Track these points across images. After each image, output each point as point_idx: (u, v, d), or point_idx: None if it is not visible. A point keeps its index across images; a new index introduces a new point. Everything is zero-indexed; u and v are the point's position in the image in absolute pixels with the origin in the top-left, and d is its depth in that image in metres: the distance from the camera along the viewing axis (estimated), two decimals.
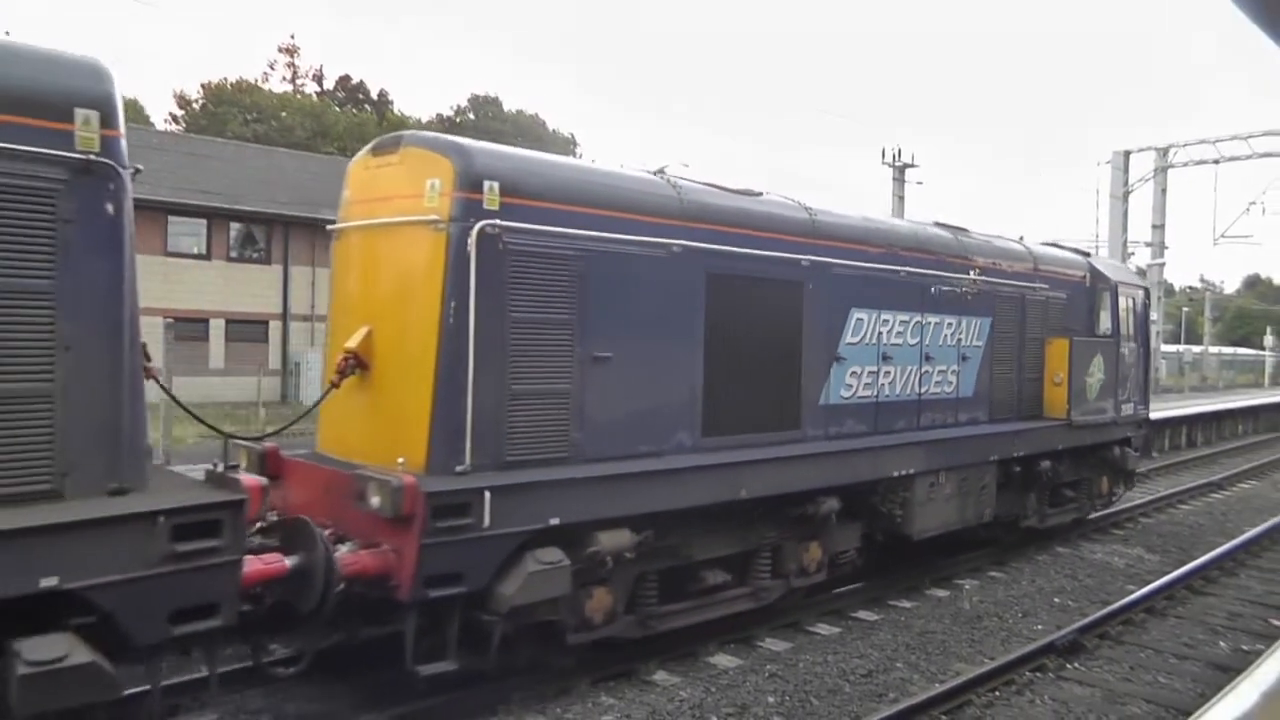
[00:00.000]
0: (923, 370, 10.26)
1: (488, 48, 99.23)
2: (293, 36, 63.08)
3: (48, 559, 4.71)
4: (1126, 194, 42.74)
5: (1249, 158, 39.93)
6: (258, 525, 6.23)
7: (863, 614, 9.64)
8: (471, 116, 58.50)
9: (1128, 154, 42.82)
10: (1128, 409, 13.53)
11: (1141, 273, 35.84)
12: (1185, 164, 42.15)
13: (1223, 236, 44.18)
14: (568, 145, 64.08)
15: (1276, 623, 9.81)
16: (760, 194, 8.80)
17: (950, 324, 10.62)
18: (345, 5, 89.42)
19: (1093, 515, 13.96)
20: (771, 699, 7.43)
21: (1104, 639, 9.13)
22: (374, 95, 56.35)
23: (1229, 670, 8.12)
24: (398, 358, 6.74)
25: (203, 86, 53.47)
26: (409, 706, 6.72)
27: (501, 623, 6.51)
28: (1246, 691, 5.54)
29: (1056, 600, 10.54)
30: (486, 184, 6.57)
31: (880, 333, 9.67)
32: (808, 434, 8.92)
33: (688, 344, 7.83)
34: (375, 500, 6.14)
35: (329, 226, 7.59)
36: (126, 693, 5.20)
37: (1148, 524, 15.04)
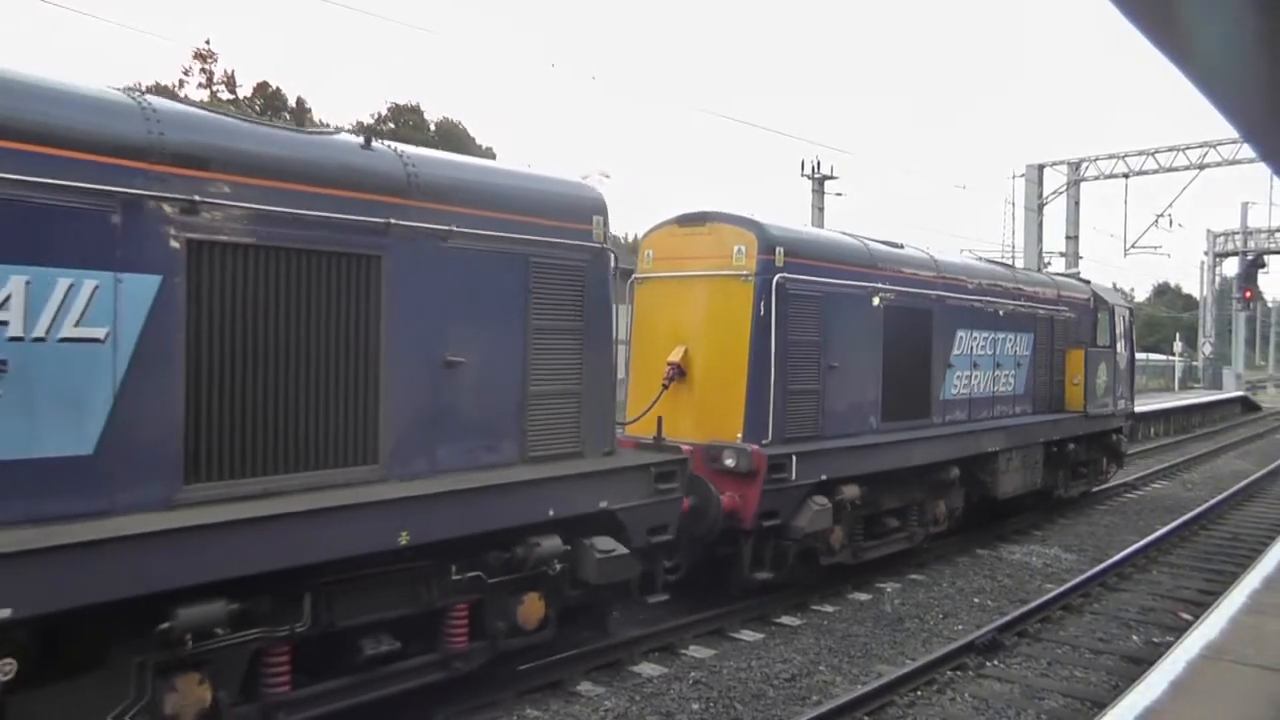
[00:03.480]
0: (995, 374, 14.62)
1: (406, 52, 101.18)
2: (208, 42, 64.28)
3: (603, 490, 8.42)
4: (1041, 206, 47.78)
5: (1155, 172, 44.46)
6: None
7: (786, 619, 10.46)
8: (392, 125, 61.31)
9: (1041, 167, 47.17)
10: (1121, 404, 18.41)
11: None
12: (1096, 177, 46.86)
13: (1133, 247, 49.05)
14: (489, 156, 67.40)
15: (1185, 616, 10.69)
16: (901, 246, 12.98)
17: (1010, 338, 15.04)
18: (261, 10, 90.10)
19: (1096, 489, 18.69)
20: (696, 705, 8.04)
21: (1022, 637, 9.97)
22: (291, 103, 58.46)
23: (1141, 662, 8.92)
24: (714, 368, 10.58)
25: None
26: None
27: (794, 546, 10.45)
28: (1156, 682, 6.42)
29: (976, 600, 11.52)
30: (777, 249, 10.52)
31: (972, 346, 13.98)
32: (934, 421, 13.13)
33: (874, 356, 11.92)
34: (730, 461, 10.00)
35: (634, 275, 11.37)
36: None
37: (1064, 524, 16.45)
